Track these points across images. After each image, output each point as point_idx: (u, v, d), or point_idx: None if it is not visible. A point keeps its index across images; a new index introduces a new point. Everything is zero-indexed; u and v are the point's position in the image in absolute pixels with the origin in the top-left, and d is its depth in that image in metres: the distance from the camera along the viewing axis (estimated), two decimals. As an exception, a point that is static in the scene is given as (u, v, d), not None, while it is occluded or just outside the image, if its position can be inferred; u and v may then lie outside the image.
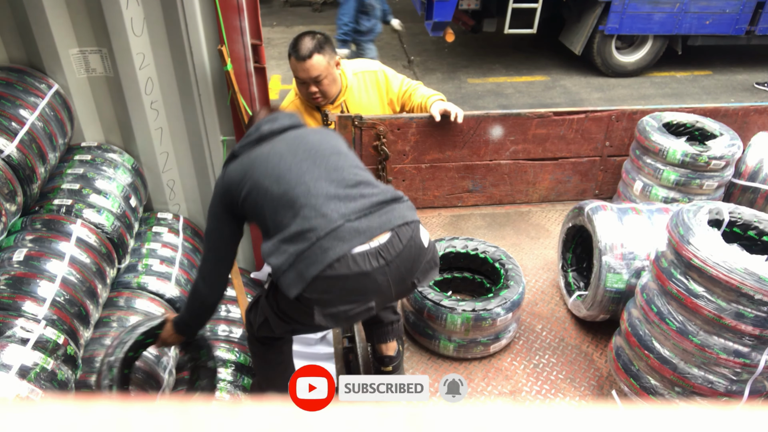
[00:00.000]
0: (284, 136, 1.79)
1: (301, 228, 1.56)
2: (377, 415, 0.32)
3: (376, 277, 1.56)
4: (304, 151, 1.71)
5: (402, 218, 1.62)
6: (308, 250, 1.53)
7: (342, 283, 1.55)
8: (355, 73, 2.73)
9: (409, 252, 1.61)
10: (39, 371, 1.84)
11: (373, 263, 1.55)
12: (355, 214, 1.57)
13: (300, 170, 1.65)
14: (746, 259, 1.49)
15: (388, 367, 1.98)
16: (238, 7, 2.49)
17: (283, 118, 1.85)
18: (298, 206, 1.59)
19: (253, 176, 1.68)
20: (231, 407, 0.32)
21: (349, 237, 1.53)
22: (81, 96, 2.62)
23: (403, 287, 1.67)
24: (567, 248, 2.47)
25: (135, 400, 0.33)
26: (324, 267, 1.52)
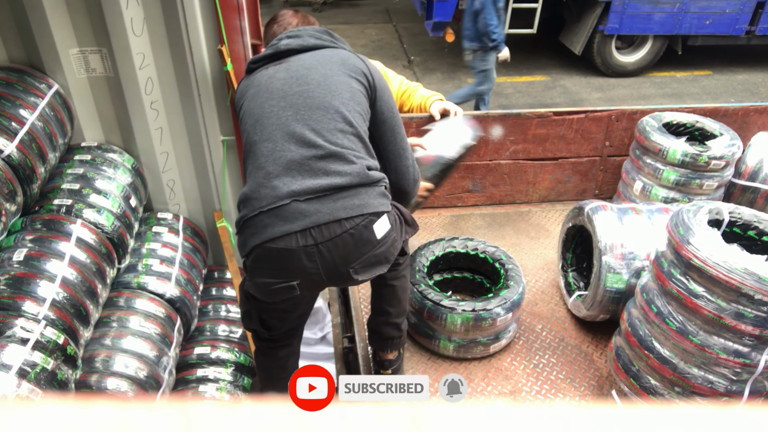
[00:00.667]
0: (294, 61, 1.70)
1: (250, 192, 1.53)
2: (377, 415, 0.32)
3: (301, 257, 1.50)
4: (294, 95, 1.61)
5: (358, 209, 1.51)
6: (251, 219, 1.52)
7: (267, 254, 1.51)
8: None
9: (347, 239, 1.51)
10: (39, 371, 1.84)
11: (300, 241, 1.48)
12: (307, 194, 1.49)
13: (278, 121, 1.58)
14: (746, 259, 1.49)
15: (388, 371, 1.98)
16: (238, 7, 2.48)
17: (307, 35, 1.76)
18: (258, 165, 1.55)
19: (244, 105, 1.69)
20: (231, 407, 0.32)
21: (292, 218, 1.48)
22: (81, 96, 2.62)
23: (335, 274, 1.56)
24: (567, 248, 2.47)
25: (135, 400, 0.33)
26: (260, 241, 1.50)
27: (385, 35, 9.10)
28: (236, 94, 1.80)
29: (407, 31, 9.21)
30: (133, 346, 2.30)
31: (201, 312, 2.89)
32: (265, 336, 1.94)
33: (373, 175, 1.58)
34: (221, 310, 2.90)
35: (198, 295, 2.84)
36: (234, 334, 2.78)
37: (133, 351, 2.29)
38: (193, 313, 2.72)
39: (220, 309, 2.91)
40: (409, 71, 7.87)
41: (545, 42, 8.38)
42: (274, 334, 1.93)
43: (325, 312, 3.46)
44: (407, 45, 8.68)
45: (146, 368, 2.26)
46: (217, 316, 2.89)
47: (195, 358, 2.65)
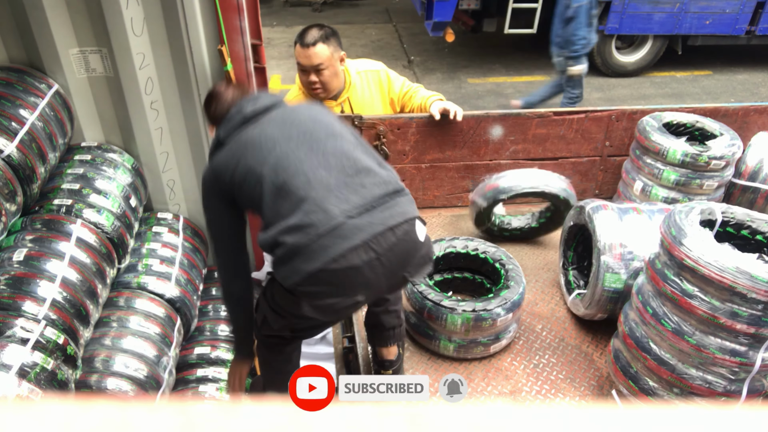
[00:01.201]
0: (271, 117, 1.72)
1: (301, 222, 1.53)
2: (377, 415, 0.32)
3: (365, 271, 1.53)
4: (299, 135, 1.65)
5: (402, 215, 1.58)
6: (307, 246, 1.51)
7: (330, 277, 1.53)
8: (358, 72, 2.74)
9: (402, 246, 1.57)
10: (39, 371, 1.84)
11: (363, 257, 1.51)
12: (357, 209, 1.53)
13: (297, 158, 1.60)
14: (738, 257, 1.49)
15: (388, 371, 1.97)
16: (238, 7, 2.48)
17: (263, 97, 1.79)
18: (298, 199, 1.55)
19: (247, 163, 1.64)
20: (231, 407, 0.32)
21: (350, 234, 1.51)
22: (81, 96, 2.62)
23: (394, 280, 1.64)
24: (568, 246, 2.47)
25: (135, 400, 0.33)
26: (321, 265, 1.50)
27: (385, 35, 9.10)
28: (220, 165, 1.71)
29: (407, 31, 9.21)
30: (133, 346, 2.30)
31: (201, 312, 2.89)
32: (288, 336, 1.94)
33: (399, 182, 1.67)
34: (221, 310, 2.90)
35: (198, 295, 2.84)
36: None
37: (133, 351, 2.29)
38: (193, 313, 2.72)
39: (220, 309, 2.91)
40: (409, 71, 7.87)
41: (545, 42, 8.38)
42: (299, 335, 1.96)
43: (325, 312, 3.46)
44: (407, 45, 8.68)
45: (146, 368, 2.26)
46: (217, 316, 2.89)
47: (195, 358, 2.65)
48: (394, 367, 1.97)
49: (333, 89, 2.64)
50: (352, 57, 2.85)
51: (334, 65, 2.57)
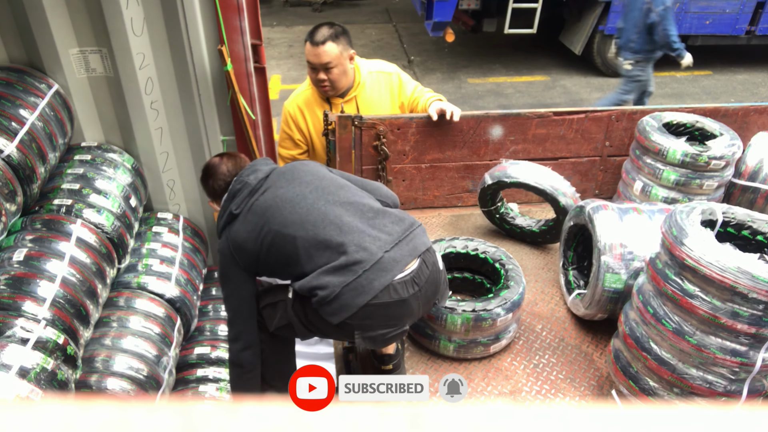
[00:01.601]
0: (274, 181, 1.83)
1: (347, 261, 1.65)
2: (377, 415, 0.32)
3: (411, 302, 1.70)
4: (312, 191, 1.77)
5: (424, 245, 1.76)
6: (354, 281, 1.64)
7: (383, 310, 1.67)
8: (370, 72, 2.76)
9: (434, 276, 1.76)
10: (39, 371, 1.84)
11: (410, 290, 1.68)
12: (389, 244, 1.69)
13: (320, 212, 1.72)
14: (739, 257, 1.49)
15: (388, 365, 1.98)
16: (238, 7, 2.49)
17: (261, 164, 1.91)
18: (336, 244, 1.67)
19: (272, 228, 1.73)
20: (231, 407, 0.32)
21: (390, 267, 1.66)
22: (81, 96, 2.62)
23: (427, 308, 1.84)
24: (568, 246, 2.47)
25: (135, 400, 0.33)
26: (371, 297, 1.63)
27: (385, 35, 9.11)
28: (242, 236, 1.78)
29: (407, 31, 9.21)
30: (133, 346, 2.30)
31: (201, 312, 2.89)
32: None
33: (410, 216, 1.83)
34: (221, 310, 2.91)
35: (198, 295, 2.84)
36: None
37: (133, 351, 2.29)
38: (193, 313, 2.72)
39: (220, 309, 2.91)
40: (409, 71, 7.87)
41: (545, 42, 8.38)
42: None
43: (325, 312, 3.46)
44: (407, 45, 8.68)
45: (146, 368, 2.26)
46: (217, 316, 2.90)
47: (195, 358, 2.65)
48: (393, 361, 1.98)
49: (341, 87, 2.66)
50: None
51: (343, 63, 2.58)
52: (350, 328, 1.70)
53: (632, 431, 0.32)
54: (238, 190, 1.83)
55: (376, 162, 2.82)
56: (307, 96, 2.74)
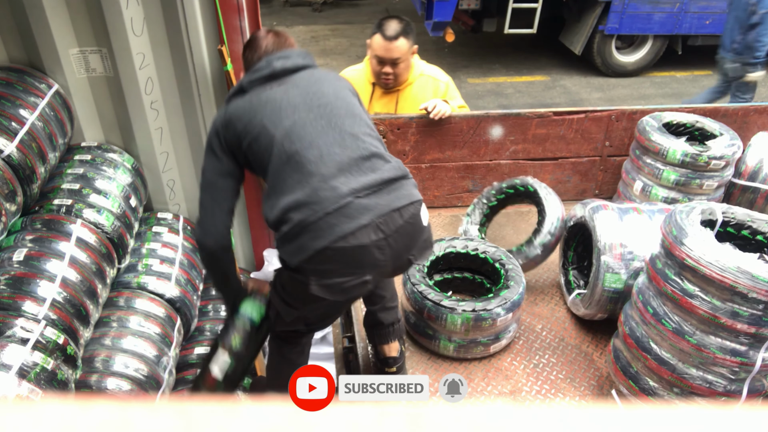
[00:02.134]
0: (297, 80, 1.72)
1: (309, 198, 1.54)
2: (377, 415, 0.32)
3: (373, 251, 1.55)
4: (320, 107, 1.65)
5: (408, 197, 1.61)
6: (314, 223, 1.52)
7: (340, 255, 1.54)
8: (422, 74, 2.80)
9: (408, 228, 1.60)
10: (39, 371, 1.84)
11: (372, 236, 1.53)
12: (365, 190, 1.55)
13: (314, 130, 1.61)
14: (738, 257, 1.49)
15: (392, 368, 1.98)
16: (238, 7, 2.49)
17: (295, 56, 1.78)
18: (307, 172, 1.56)
19: (263, 122, 1.63)
20: (231, 407, 0.32)
21: (357, 214, 1.52)
22: (81, 96, 2.62)
23: (399, 262, 1.65)
24: (568, 246, 2.47)
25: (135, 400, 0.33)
26: (328, 242, 1.51)
27: (385, 35, 9.09)
28: (236, 113, 1.69)
29: (407, 31, 9.20)
30: (133, 346, 2.30)
31: (201, 312, 2.89)
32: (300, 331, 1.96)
33: (406, 168, 1.70)
34: (221, 310, 2.91)
35: (198, 295, 2.84)
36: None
37: (133, 351, 2.29)
38: (193, 313, 2.72)
39: (221, 309, 2.91)
40: (409, 71, 7.87)
41: (545, 42, 8.38)
42: (313, 327, 1.99)
43: (325, 312, 3.46)
44: (407, 45, 8.67)
45: (146, 368, 2.26)
46: (217, 316, 2.89)
47: (195, 358, 2.65)
48: (398, 364, 1.98)
49: (404, 80, 2.70)
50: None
51: (408, 59, 2.65)
52: (307, 274, 1.59)
53: (632, 431, 0.32)
54: (261, 68, 1.73)
55: (376, 162, 2.82)
56: (359, 74, 2.77)
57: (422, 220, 1.65)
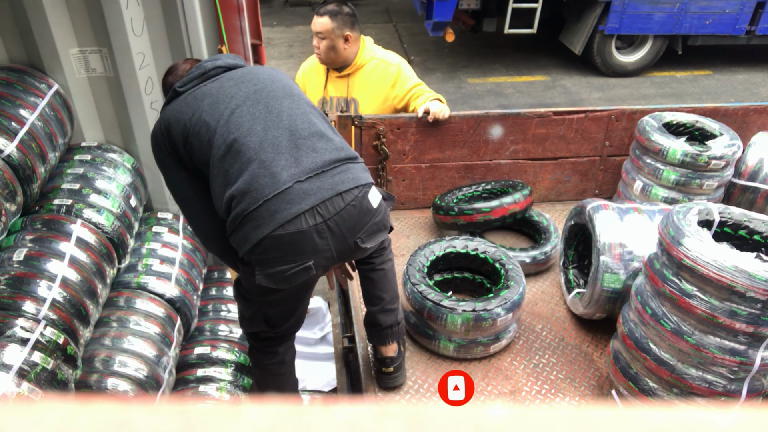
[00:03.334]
0: (230, 74, 1.72)
1: (249, 186, 1.52)
2: (377, 414, 0.32)
3: (313, 235, 1.52)
4: (256, 92, 1.65)
5: (354, 181, 1.57)
6: (255, 211, 1.51)
7: (279, 243, 1.52)
8: (373, 58, 2.84)
9: (352, 212, 1.56)
10: (39, 371, 1.84)
11: (309, 221, 1.51)
12: (306, 173, 1.53)
13: (252, 116, 1.59)
14: (736, 256, 1.49)
15: (389, 368, 1.97)
16: (238, 7, 2.49)
17: (225, 57, 1.80)
18: (247, 159, 1.54)
19: (202, 116, 1.63)
20: (231, 407, 0.32)
21: (298, 200, 1.51)
22: (81, 96, 2.62)
23: (344, 246, 1.61)
24: (569, 245, 2.47)
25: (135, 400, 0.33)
26: (269, 231, 1.50)
27: (385, 35, 9.10)
28: (174, 115, 1.68)
29: (407, 31, 9.21)
30: (133, 346, 2.30)
31: (201, 312, 2.89)
32: (269, 335, 1.95)
33: (352, 151, 1.66)
34: (221, 310, 2.91)
35: (198, 295, 2.84)
36: (234, 334, 2.78)
37: (133, 351, 2.29)
38: (193, 313, 2.72)
39: (220, 309, 2.91)
40: (409, 71, 7.87)
41: (545, 42, 8.38)
42: (279, 330, 1.94)
43: (325, 312, 3.46)
44: (407, 45, 8.68)
45: (146, 368, 2.26)
46: (217, 316, 2.89)
47: (195, 358, 2.65)
48: (395, 363, 1.97)
49: (329, 60, 2.79)
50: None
51: (332, 39, 2.72)
52: (252, 264, 1.59)
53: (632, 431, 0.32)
54: (192, 72, 1.73)
55: (376, 162, 2.82)
56: (315, 60, 2.93)
57: (371, 203, 1.61)
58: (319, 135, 1.61)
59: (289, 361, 2.09)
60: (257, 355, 2.06)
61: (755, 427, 0.32)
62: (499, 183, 2.89)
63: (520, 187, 2.72)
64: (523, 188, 2.70)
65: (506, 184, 2.86)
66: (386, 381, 1.98)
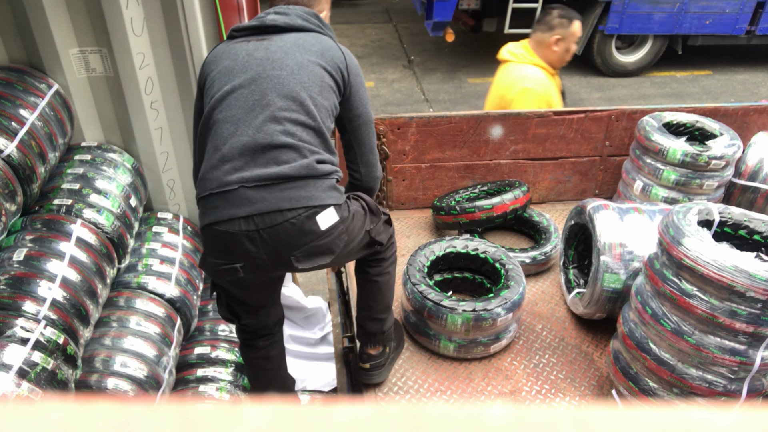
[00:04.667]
0: (277, 41, 1.67)
1: (207, 174, 1.58)
2: (377, 414, 0.32)
3: (244, 241, 1.53)
4: (265, 78, 1.61)
5: (303, 201, 1.54)
6: (204, 198, 1.58)
7: (214, 238, 1.58)
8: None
9: (289, 229, 1.54)
10: (39, 371, 1.84)
11: (242, 226, 1.53)
12: (255, 181, 1.52)
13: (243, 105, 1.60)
14: (736, 256, 1.49)
15: (366, 365, 1.97)
16: (238, 7, 2.49)
17: (295, 15, 1.73)
18: (215, 146, 1.59)
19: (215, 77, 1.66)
20: (231, 407, 0.32)
21: (239, 203, 1.52)
22: (81, 96, 2.62)
23: (278, 260, 1.60)
24: (569, 245, 2.47)
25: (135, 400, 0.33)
26: (208, 222, 1.56)
27: (385, 35, 9.10)
28: (209, 55, 1.74)
29: (407, 31, 9.21)
30: (133, 345, 2.30)
31: (201, 312, 2.89)
32: (244, 328, 2.01)
33: (323, 168, 1.60)
34: (221, 310, 2.91)
35: (198, 295, 2.84)
36: (234, 334, 2.78)
37: (133, 351, 2.29)
38: (193, 313, 2.72)
39: (220, 309, 2.91)
40: (409, 71, 7.87)
41: (545, 42, 8.37)
42: (245, 324, 1.99)
43: (325, 312, 3.46)
44: (407, 45, 8.68)
45: (146, 368, 2.26)
46: (217, 316, 2.89)
47: (195, 358, 2.65)
48: (372, 361, 1.96)
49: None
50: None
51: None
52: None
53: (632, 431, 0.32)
54: (255, 18, 1.73)
55: (376, 162, 2.82)
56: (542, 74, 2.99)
57: (316, 225, 1.56)
58: (292, 148, 1.56)
59: (275, 357, 2.11)
60: (241, 348, 2.11)
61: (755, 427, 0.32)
62: (495, 183, 2.91)
63: (517, 185, 2.73)
64: (521, 185, 2.72)
65: (502, 183, 2.88)
66: (362, 376, 2.00)
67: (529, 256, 2.53)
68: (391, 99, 7.09)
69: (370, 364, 1.96)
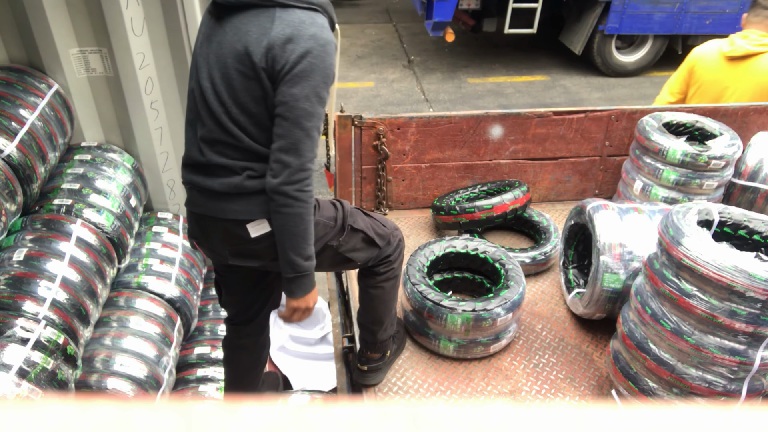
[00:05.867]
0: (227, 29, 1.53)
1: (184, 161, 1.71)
2: (377, 414, 0.32)
3: (195, 227, 1.74)
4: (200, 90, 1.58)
5: (231, 214, 1.61)
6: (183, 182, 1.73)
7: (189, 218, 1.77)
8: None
9: (219, 235, 1.68)
10: (39, 371, 1.84)
11: (193, 222, 1.74)
12: (198, 187, 1.66)
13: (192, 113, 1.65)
14: (735, 256, 1.49)
15: (363, 366, 1.99)
16: (238, 7, 2.48)
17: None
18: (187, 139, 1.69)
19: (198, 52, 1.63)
20: (231, 407, 0.32)
21: (191, 200, 1.70)
22: (81, 96, 2.62)
23: (218, 256, 1.78)
24: (569, 245, 2.47)
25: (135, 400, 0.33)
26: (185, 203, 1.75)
27: (385, 35, 9.10)
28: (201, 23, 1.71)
29: (407, 31, 9.21)
30: (133, 345, 2.30)
31: (201, 312, 2.89)
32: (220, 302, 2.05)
33: (253, 185, 1.58)
34: (221, 311, 2.91)
35: (198, 295, 2.84)
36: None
37: (133, 351, 2.29)
38: (193, 313, 2.72)
39: (220, 309, 2.91)
40: (409, 71, 7.87)
41: (545, 42, 8.38)
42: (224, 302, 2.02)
43: (325, 312, 3.46)
44: (407, 45, 8.67)
45: (146, 368, 2.26)
46: (217, 316, 2.90)
47: (195, 358, 2.65)
48: (370, 364, 1.98)
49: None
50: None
51: None
52: None
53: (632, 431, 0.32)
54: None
55: (376, 162, 2.82)
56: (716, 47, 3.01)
57: (245, 231, 1.62)
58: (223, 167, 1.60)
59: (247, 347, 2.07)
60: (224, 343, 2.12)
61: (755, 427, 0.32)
62: (495, 183, 2.91)
63: (517, 185, 2.73)
64: (521, 185, 2.72)
65: (502, 183, 2.87)
66: (357, 375, 2.03)
67: (529, 256, 2.53)
68: (391, 99, 7.09)
69: (368, 366, 1.97)
